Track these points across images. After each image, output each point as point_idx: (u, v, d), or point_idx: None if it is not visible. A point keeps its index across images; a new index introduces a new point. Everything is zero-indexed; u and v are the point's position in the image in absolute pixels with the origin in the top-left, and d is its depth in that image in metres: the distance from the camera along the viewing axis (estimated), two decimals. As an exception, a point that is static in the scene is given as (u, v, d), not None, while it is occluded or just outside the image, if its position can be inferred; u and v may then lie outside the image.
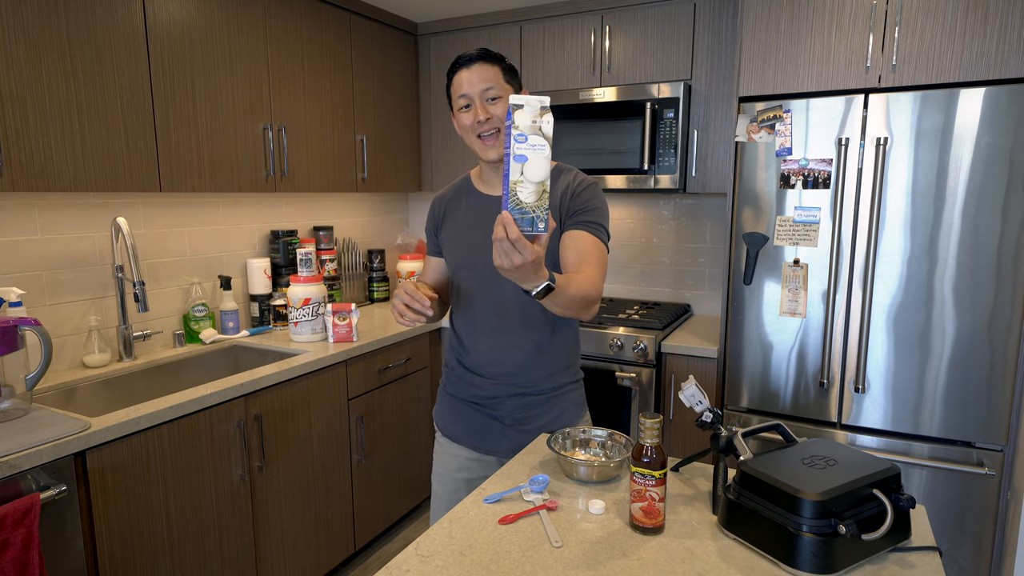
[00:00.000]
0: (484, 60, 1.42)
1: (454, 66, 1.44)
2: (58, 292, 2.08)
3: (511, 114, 1.05)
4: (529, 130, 1.05)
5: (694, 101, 2.61)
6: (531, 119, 1.05)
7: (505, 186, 1.05)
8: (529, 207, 1.06)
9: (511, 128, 1.04)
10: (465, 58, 1.42)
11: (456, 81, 1.43)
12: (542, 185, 1.06)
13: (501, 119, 1.42)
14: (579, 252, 1.37)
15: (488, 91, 1.41)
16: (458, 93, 1.43)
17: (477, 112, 1.40)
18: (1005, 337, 1.93)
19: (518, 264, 1.06)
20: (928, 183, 1.97)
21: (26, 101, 1.70)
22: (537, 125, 1.05)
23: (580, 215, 1.42)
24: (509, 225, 1.03)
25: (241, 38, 2.28)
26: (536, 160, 1.05)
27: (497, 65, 1.43)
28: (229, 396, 1.92)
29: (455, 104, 1.45)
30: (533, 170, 1.05)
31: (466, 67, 1.42)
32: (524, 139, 1.04)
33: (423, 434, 2.88)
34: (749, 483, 1.07)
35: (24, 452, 1.44)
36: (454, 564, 1.03)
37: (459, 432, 1.58)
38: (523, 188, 1.05)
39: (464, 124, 1.44)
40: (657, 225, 3.06)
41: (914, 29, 1.95)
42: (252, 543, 2.06)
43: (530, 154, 1.05)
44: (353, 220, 3.28)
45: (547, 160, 1.05)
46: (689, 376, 1.92)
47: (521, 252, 1.05)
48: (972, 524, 2.03)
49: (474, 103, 1.41)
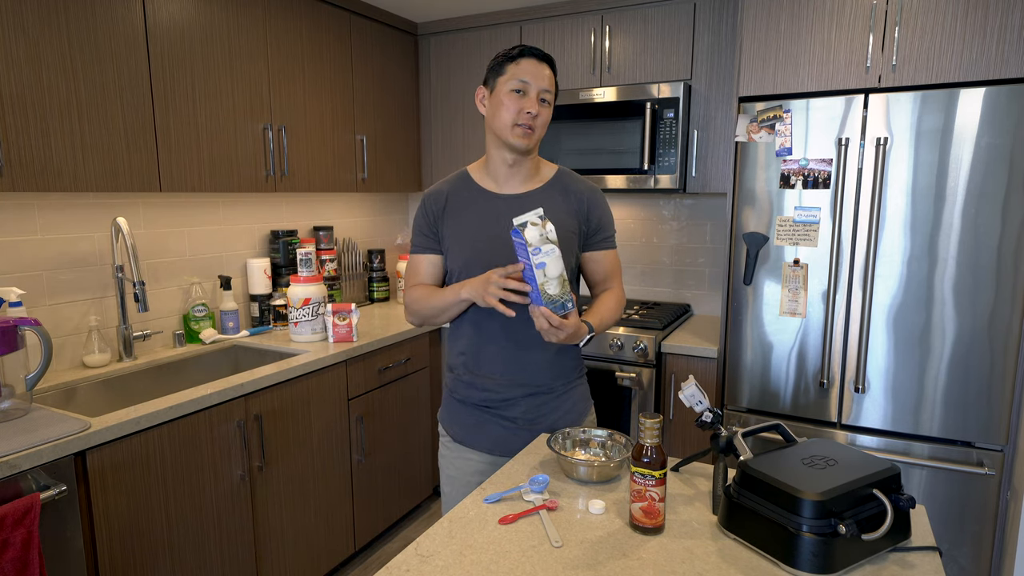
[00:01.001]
0: (552, 65, 1.46)
1: (520, 51, 1.43)
2: (58, 292, 2.08)
3: (520, 233, 1.24)
4: (540, 242, 1.25)
5: (694, 101, 2.61)
6: (538, 233, 1.25)
7: (534, 287, 1.28)
8: (557, 296, 1.29)
9: (524, 246, 1.24)
10: (539, 52, 1.44)
11: (522, 65, 1.42)
12: (562, 276, 1.29)
13: (543, 124, 1.46)
14: (604, 270, 1.58)
15: (546, 92, 1.44)
16: (519, 76, 1.42)
17: (531, 104, 1.41)
18: (1005, 337, 1.93)
19: (564, 338, 1.31)
20: (928, 183, 1.97)
21: (26, 101, 1.71)
22: (544, 236, 1.26)
23: (599, 233, 1.56)
24: (550, 317, 1.28)
25: (241, 38, 2.28)
26: (552, 262, 1.27)
27: (554, 73, 1.48)
28: (229, 396, 1.92)
29: (506, 84, 1.43)
30: (553, 270, 1.27)
31: (537, 59, 1.43)
32: (539, 251, 1.25)
33: (423, 434, 2.88)
34: (749, 483, 1.07)
35: (24, 452, 1.44)
36: (454, 564, 1.03)
37: (472, 437, 1.56)
38: (549, 285, 1.28)
39: (509, 106, 1.42)
40: (657, 225, 3.06)
41: (914, 29, 1.95)
42: (252, 543, 2.06)
43: (547, 260, 1.26)
44: (353, 220, 3.28)
45: (559, 258, 1.27)
46: (689, 376, 1.92)
47: (564, 330, 1.30)
48: (972, 524, 2.03)
49: (530, 94, 1.42)
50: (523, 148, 1.44)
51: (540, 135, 1.47)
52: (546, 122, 1.47)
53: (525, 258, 1.26)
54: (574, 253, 1.52)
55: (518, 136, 1.43)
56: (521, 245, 1.25)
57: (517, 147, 1.44)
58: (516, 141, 1.43)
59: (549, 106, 1.46)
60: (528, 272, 1.27)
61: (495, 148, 1.50)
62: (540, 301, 1.28)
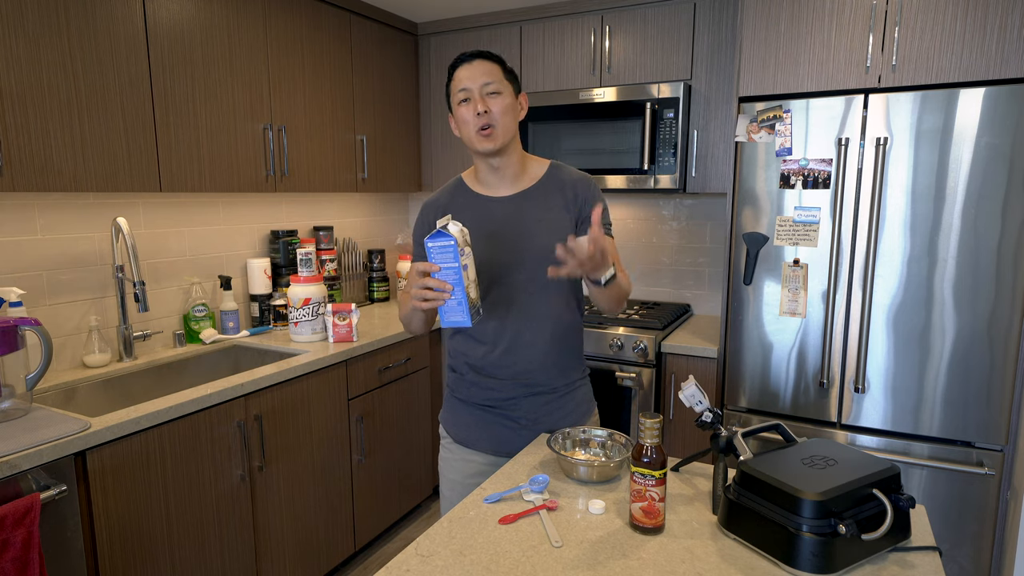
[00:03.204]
0: (484, 57, 1.44)
1: (454, 64, 1.45)
2: (58, 292, 2.08)
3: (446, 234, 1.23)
4: (463, 243, 1.26)
5: (694, 101, 2.61)
6: (460, 234, 1.26)
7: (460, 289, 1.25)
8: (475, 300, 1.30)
9: (454, 247, 1.22)
10: (466, 55, 1.44)
11: (456, 77, 1.44)
12: (476, 281, 1.32)
13: (500, 113, 1.42)
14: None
15: (488, 85, 1.42)
16: (458, 88, 1.43)
17: (477, 104, 1.41)
18: (1005, 337, 1.93)
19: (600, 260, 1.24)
20: (928, 183, 1.97)
21: (26, 101, 1.71)
22: (465, 239, 1.27)
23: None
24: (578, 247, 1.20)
25: (241, 38, 2.28)
26: (472, 264, 1.30)
27: (497, 63, 1.45)
28: (229, 396, 1.92)
29: (454, 100, 1.45)
30: (472, 272, 1.30)
31: (467, 63, 1.43)
32: (464, 252, 1.25)
33: (423, 434, 2.88)
34: (749, 483, 1.07)
35: (24, 452, 1.44)
36: (454, 564, 1.03)
37: (474, 437, 1.56)
38: (471, 288, 1.28)
39: (464, 117, 1.43)
40: (657, 225, 3.06)
41: (914, 29, 1.95)
42: (252, 543, 2.06)
43: (468, 262, 1.28)
44: (353, 220, 3.28)
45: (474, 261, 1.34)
46: (689, 376, 1.92)
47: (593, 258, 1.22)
48: (972, 524, 2.03)
49: (473, 96, 1.41)
50: (493, 149, 1.43)
51: (505, 124, 1.42)
52: (505, 109, 1.42)
53: (452, 260, 1.23)
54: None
55: (482, 140, 1.43)
56: (449, 247, 1.22)
57: (488, 151, 1.44)
58: (483, 146, 1.43)
59: (501, 95, 1.42)
60: (454, 275, 1.24)
61: (478, 160, 1.51)
62: (464, 303, 1.25)
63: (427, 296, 1.26)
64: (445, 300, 1.26)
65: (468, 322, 1.26)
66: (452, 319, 1.28)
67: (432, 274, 1.25)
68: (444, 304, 1.27)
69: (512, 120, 1.45)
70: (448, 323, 1.29)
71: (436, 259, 1.25)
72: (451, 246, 1.22)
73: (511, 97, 1.45)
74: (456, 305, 1.26)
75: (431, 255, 1.25)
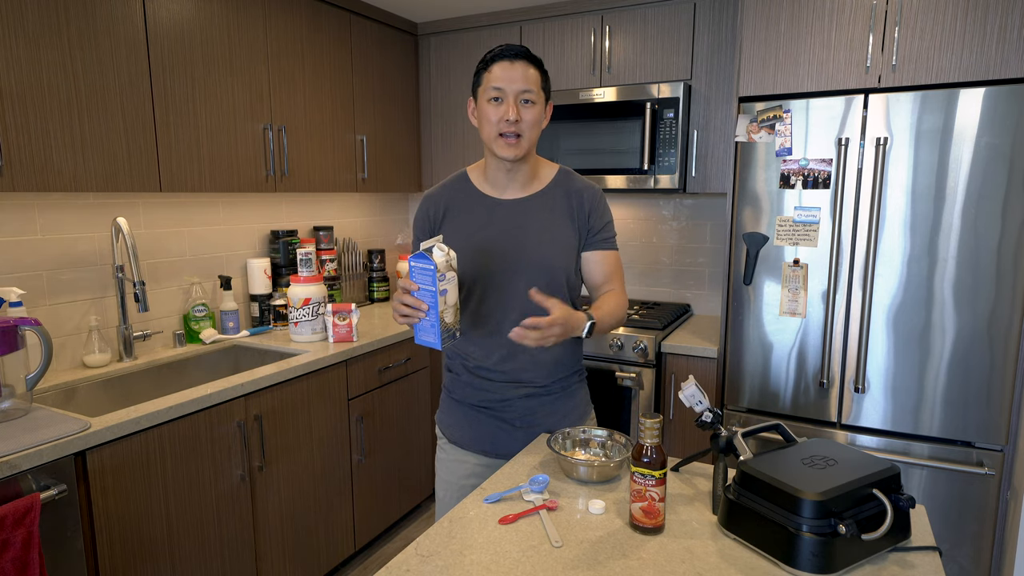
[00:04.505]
0: (528, 60, 1.38)
1: (495, 55, 1.37)
2: (58, 292, 2.08)
3: (427, 257, 1.23)
4: (445, 268, 1.26)
5: (694, 101, 2.61)
6: (444, 259, 1.25)
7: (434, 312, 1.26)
8: (451, 324, 1.31)
9: (432, 271, 1.23)
10: (510, 51, 1.36)
11: (494, 71, 1.36)
12: (456, 306, 1.32)
13: (530, 125, 1.39)
14: (605, 272, 1.53)
15: (526, 93, 1.37)
16: (492, 84, 1.36)
17: (509, 110, 1.35)
18: (1005, 337, 1.93)
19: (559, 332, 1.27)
20: (928, 183, 1.97)
21: (26, 101, 1.71)
22: (449, 263, 1.27)
23: (601, 233, 1.52)
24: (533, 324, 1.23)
25: (241, 38, 2.28)
26: (452, 290, 1.29)
27: (538, 70, 1.39)
28: (229, 396, 1.92)
29: (484, 93, 1.39)
30: (452, 297, 1.30)
31: (509, 60, 1.36)
32: (444, 277, 1.25)
33: (423, 434, 2.88)
34: (749, 483, 1.07)
35: (24, 452, 1.44)
36: (454, 564, 1.03)
37: (468, 438, 1.55)
38: (447, 313, 1.28)
39: (489, 116, 1.38)
40: (657, 225, 3.06)
41: (914, 29, 1.95)
42: (252, 543, 2.06)
43: (448, 287, 1.28)
44: (353, 220, 3.28)
45: (457, 287, 1.32)
46: (689, 376, 1.92)
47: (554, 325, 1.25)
48: (972, 524, 2.03)
49: (507, 99, 1.36)
50: (511, 158, 1.40)
51: (531, 136, 1.40)
52: (535, 121, 1.39)
53: (430, 284, 1.24)
54: (573, 258, 1.50)
55: (503, 147, 1.38)
56: (428, 271, 1.23)
57: (509, 159, 1.40)
58: (504, 153, 1.39)
59: (534, 105, 1.38)
60: (430, 298, 1.25)
61: (491, 159, 1.46)
62: (437, 326, 1.26)
63: (404, 312, 1.29)
64: (420, 319, 1.29)
65: (438, 345, 1.29)
66: (423, 338, 1.31)
67: (412, 292, 1.28)
68: (419, 322, 1.29)
69: (538, 130, 1.42)
70: (420, 341, 1.32)
71: (416, 279, 1.27)
72: (430, 271, 1.24)
73: (543, 107, 1.42)
74: (429, 327, 1.28)
75: (412, 274, 1.27)
